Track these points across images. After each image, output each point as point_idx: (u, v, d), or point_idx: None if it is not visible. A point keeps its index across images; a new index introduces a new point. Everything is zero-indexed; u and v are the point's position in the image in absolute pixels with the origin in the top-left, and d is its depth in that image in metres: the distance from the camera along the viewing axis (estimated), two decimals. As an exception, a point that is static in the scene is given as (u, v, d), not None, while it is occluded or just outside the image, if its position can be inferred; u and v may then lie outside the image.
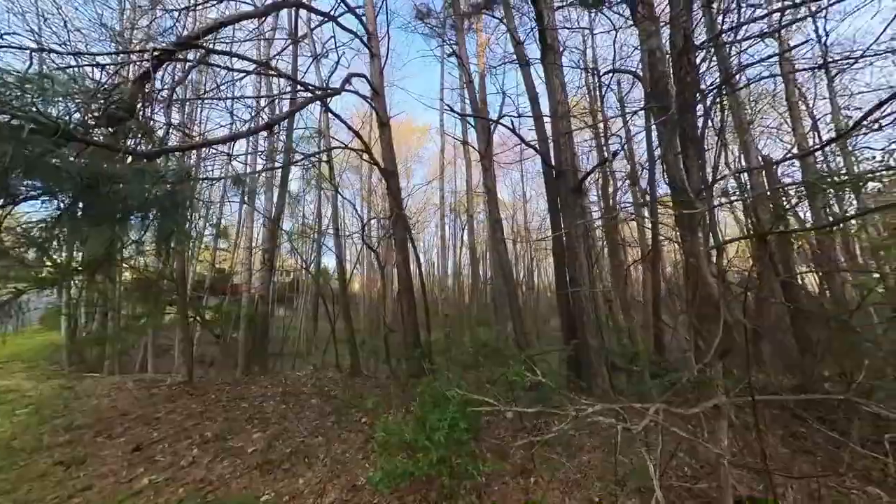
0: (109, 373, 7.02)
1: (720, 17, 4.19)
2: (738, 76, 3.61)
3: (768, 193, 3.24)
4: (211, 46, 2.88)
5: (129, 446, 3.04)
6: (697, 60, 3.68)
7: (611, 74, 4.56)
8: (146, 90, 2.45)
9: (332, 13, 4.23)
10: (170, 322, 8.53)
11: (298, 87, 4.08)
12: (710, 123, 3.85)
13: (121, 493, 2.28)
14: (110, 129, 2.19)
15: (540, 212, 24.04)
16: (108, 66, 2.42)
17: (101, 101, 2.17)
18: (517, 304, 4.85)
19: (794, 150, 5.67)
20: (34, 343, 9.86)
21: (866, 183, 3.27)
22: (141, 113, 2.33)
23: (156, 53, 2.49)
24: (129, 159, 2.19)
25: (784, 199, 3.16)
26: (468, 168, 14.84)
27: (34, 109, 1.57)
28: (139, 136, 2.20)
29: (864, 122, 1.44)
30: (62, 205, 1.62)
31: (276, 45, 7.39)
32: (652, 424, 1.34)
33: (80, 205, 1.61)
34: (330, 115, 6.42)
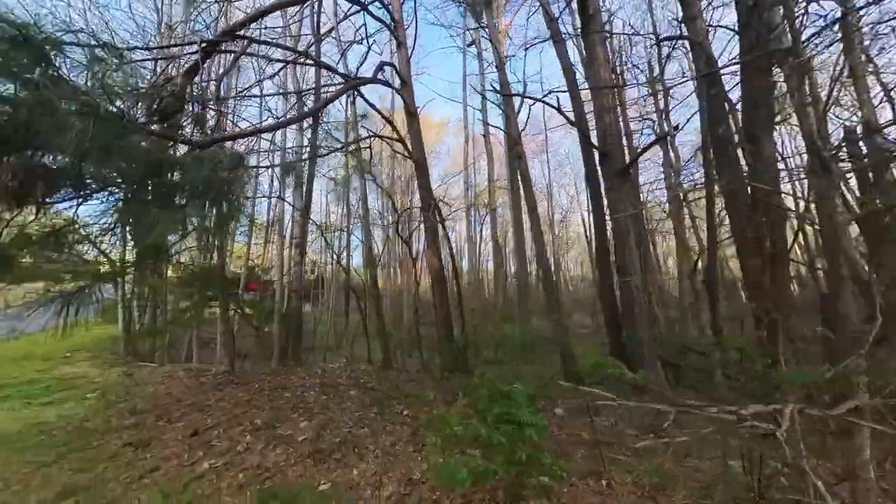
0: (160, 363, 7.51)
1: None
2: (817, 36, 3.17)
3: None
4: (250, 38, 2.90)
5: (187, 431, 3.17)
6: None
7: (667, 42, 4.15)
8: (194, 82, 2.48)
9: (363, 1, 4.16)
10: (210, 316, 9.01)
11: (332, 76, 4.04)
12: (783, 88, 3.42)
13: (185, 476, 2.35)
14: (163, 121, 2.22)
15: (562, 204, 23.25)
16: (159, 62, 2.48)
17: (155, 94, 2.20)
18: (557, 298, 4.62)
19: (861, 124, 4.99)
20: (94, 335, 10.78)
21: None
22: (190, 104, 2.37)
23: (203, 45, 2.51)
24: (178, 149, 2.22)
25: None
26: (489, 160, 14.55)
27: (103, 100, 1.60)
28: (192, 126, 2.23)
29: None
30: (128, 193, 1.65)
31: (302, 40, 7.49)
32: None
33: (146, 189, 1.64)
34: (359, 105, 6.45)
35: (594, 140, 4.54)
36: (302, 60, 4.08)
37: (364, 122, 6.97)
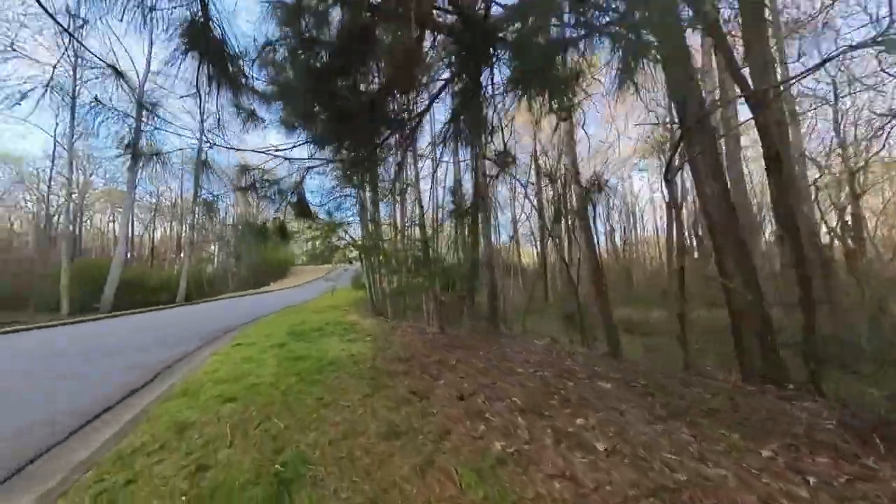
0: (392, 319, 9.62)
1: None
2: None
3: None
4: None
5: (450, 390, 3.14)
6: None
7: None
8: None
9: None
10: (420, 284, 10.86)
11: None
12: None
13: (483, 457, 2.00)
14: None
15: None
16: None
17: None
18: None
19: None
20: (354, 296, 15.88)
21: None
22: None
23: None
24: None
25: None
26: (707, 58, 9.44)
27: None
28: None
29: None
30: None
31: None
32: None
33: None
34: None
35: None
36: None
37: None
